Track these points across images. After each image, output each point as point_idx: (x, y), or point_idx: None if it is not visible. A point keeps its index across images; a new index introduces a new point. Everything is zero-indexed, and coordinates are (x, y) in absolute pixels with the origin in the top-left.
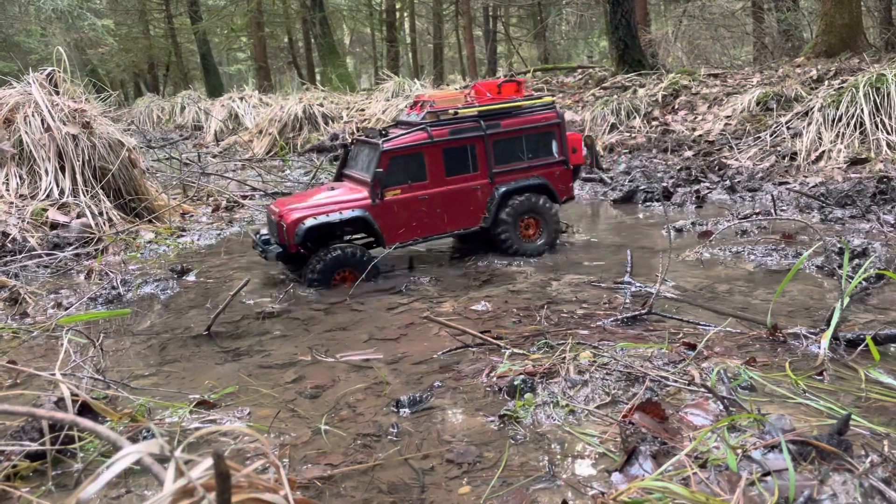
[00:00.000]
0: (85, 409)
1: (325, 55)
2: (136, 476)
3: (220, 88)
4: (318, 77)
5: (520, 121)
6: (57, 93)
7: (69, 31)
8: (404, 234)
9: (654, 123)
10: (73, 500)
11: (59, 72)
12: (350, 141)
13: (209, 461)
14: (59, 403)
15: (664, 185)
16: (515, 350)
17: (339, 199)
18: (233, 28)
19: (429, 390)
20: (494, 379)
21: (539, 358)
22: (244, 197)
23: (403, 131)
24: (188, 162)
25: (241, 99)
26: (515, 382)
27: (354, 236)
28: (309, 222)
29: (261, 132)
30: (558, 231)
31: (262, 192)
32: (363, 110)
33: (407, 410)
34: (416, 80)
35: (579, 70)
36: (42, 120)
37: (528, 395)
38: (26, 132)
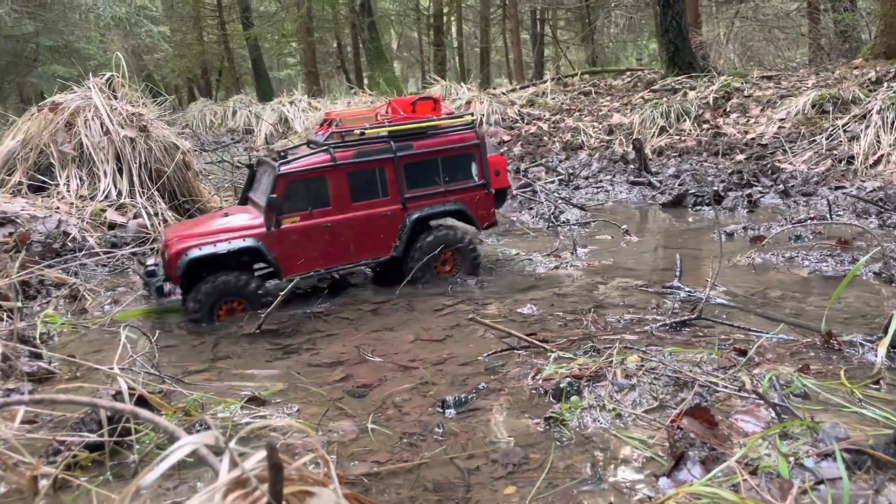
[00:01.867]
0: (141, 403)
1: (373, 59)
2: (190, 468)
3: (270, 93)
4: (365, 81)
5: (435, 142)
6: (115, 97)
7: (127, 37)
8: (304, 265)
9: (705, 126)
10: (132, 487)
11: (117, 77)
12: (256, 161)
13: (262, 453)
14: (117, 396)
15: (715, 188)
16: (561, 353)
17: (230, 227)
18: (283, 33)
19: (474, 391)
20: (540, 381)
21: (585, 362)
22: None
23: (305, 153)
24: (239, 165)
25: (291, 103)
26: (561, 385)
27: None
28: (193, 253)
29: None
30: (477, 259)
31: None
32: None
33: (452, 411)
34: (462, 83)
35: (628, 73)
36: (101, 124)
37: (574, 398)
38: (86, 135)
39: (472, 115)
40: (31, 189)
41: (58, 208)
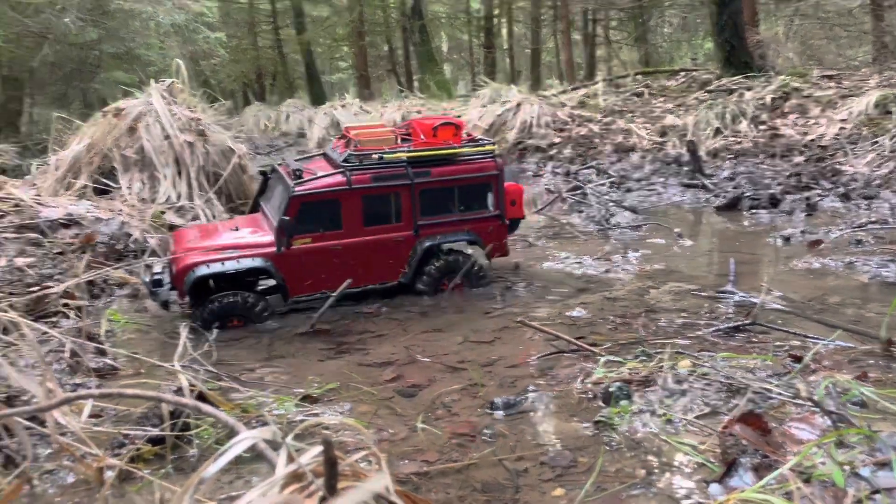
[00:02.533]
0: (200, 400)
1: (424, 62)
2: (246, 464)
3: (322, 97)
4: (416, 84)
5: (453, 170)
6: (175, 103)
7: (185, 44)
8: (311, 286)
9: (762, 128)
10: (195, 478)
11: (177, 83)
12: (270, 169)
13: (318, 449)
14: (179, 393)
15: (772, 191)
16: (611, 357)
17: (239, 244)
18: (335, 38)
19: (523, 394)
20: (589, 385)
21: (636, 366)
22: None
23: (321, 174)
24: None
25: (343, 107)
26: (611, 389)
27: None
28: (201, 270)
29: None
30: (485, 279)
31: None
32: (460, 116)
33: (501, 412)
34: (512, 85)
35: (682, 73)
36: (162, 128)
37: (623, 403)
38: (148, 140)
39: (493, 143)
40: (96, 192)
41: (120, 210)
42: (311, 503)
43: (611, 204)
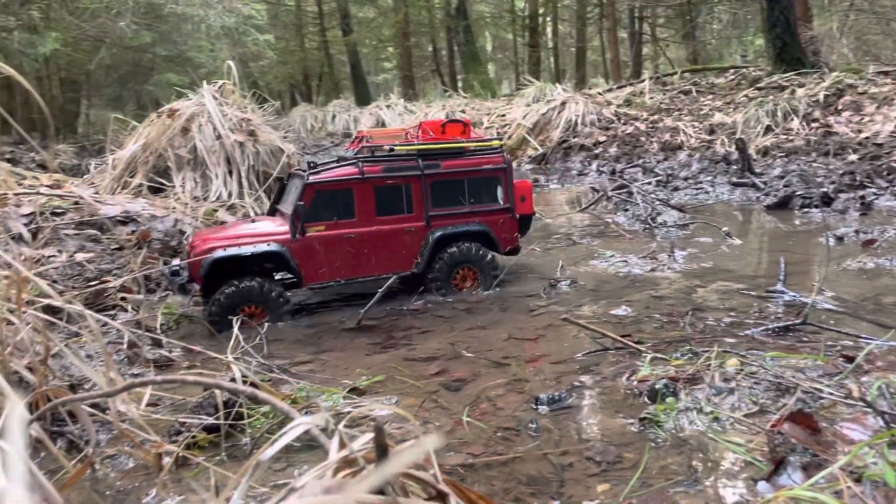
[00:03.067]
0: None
1: (468, 62)
2: (296, 453)
3: (367, 97)
4: (459, 84)
5: (462, 163)
6: (226, 103)
7: (235, 46)
8: (325, 273)
9: (815, 125)
10: (253, 461)
11: (228, 84)
12: (287, 175)
13: (369, 435)
14: (232, 383)
15: (824, 190)
16: (657, 355)
17: (256, 232)
18: (381, 39)
19: (568, 390)
20: (635, 382)
21: (682, 364)
22: None
23: (335, 165)
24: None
25: (388, 106)
26: (657, 386)
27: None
28: (218, 254)
29: None
30: (497, 276)
31: None
32: (504, 115)
33: (546, 408)
34: (557, 84)
35: (731, 70)
36: (214, 128)
37: (669, 400)
38: (200, 140)
39: (500, 139)
40: (151, 190)
41: (174, 208)
42: (364, 488)
43: (657, 202)
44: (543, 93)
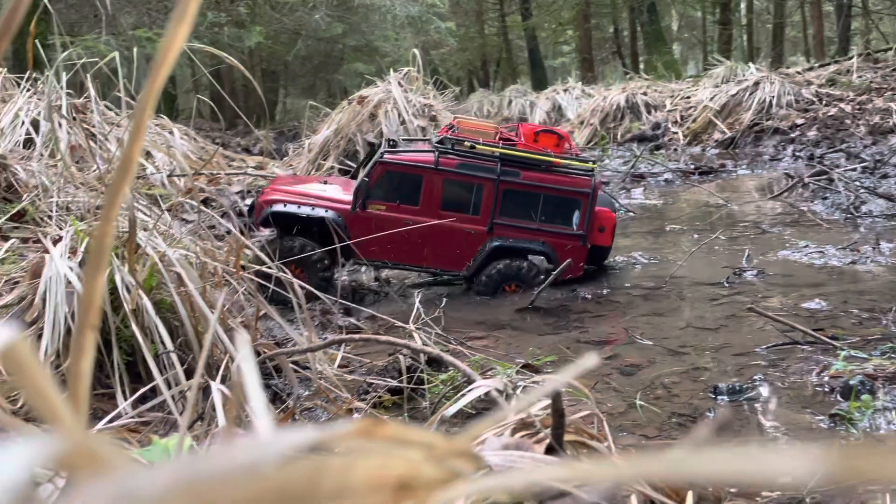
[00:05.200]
0: (431, 359)
1: (652, 43)
2: (470, 419)
3: (544, 81)
4: (641, 66)
5: (543, 177)
6: (410, 90)
7: (418, 34)
8: (375, 252)
9: None
10: (437, 417)
11: (413, 71)
12: (378, 143)
13: (546, 401)
14: (415, 351)
15: None
16: (853, 352)
17: (321, 195)
18: (560, 22)
19: (750, 381)
20: (826, 378)
21: (882, 363)
22: None
23: (413, 149)
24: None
25: (565, 91)
26: (852, 382)
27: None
28: (277, 207)
29: (582, 123)
30: (542, 290)
31: None
32: (688, 98)
33: (725, 398)
34: (750, 63)
35: None
36: (398, 114)
37: (865, 397)
38: (386, 125)
39: (594, 161)
40: (340, 172)
41: None
42: (539, 449)
43: (862, 190)
44: (734, 73)
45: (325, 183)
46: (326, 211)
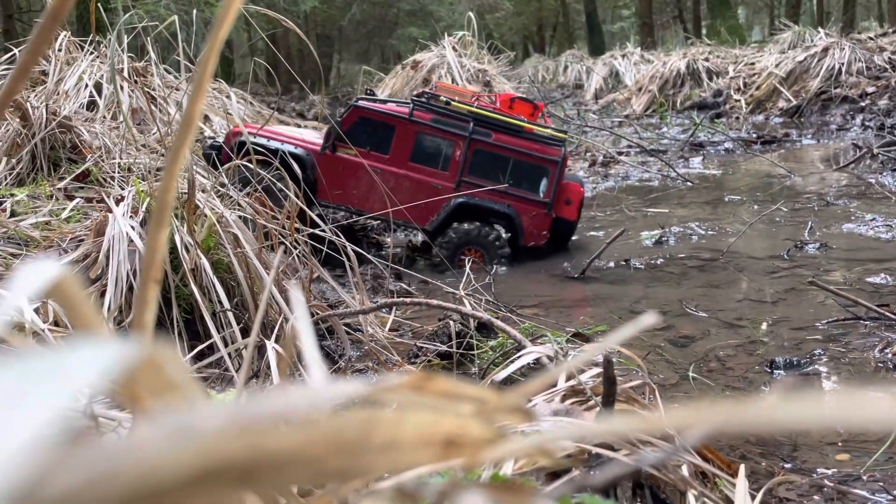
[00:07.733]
0: (481, 325)
1: (716, 6)
2: (518, 386)
3: (602, 47)
4: (703, 31)
5: (514, 141)
6: (464, 55)
7: None
8: (339, 196)
9: None
10: (488, 380)
11: (467, 35)
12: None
13: (597, 369)
14: (465, 317)
15: None
16: None
17: (293, 136)
18: None
19: (808, 356)
20: (889, 355)
21: None
22: (619, 153)
23: (390, 99)
24: (567, 119)
25: (623, 56)
26: None
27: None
28: (243, 138)
29: (640, 89)
30: (504, 257)
31: (638, 149)
32: (753, 64)
33: (782, 372)
34: (819, 28)
35: None
36: (452, 79)
37: None
38: None
39: (566, 133)
40: None
41: None
42: (589, 416)
43: None
44: (802, 38)
45: (301, 128)
46: (296, 147)
